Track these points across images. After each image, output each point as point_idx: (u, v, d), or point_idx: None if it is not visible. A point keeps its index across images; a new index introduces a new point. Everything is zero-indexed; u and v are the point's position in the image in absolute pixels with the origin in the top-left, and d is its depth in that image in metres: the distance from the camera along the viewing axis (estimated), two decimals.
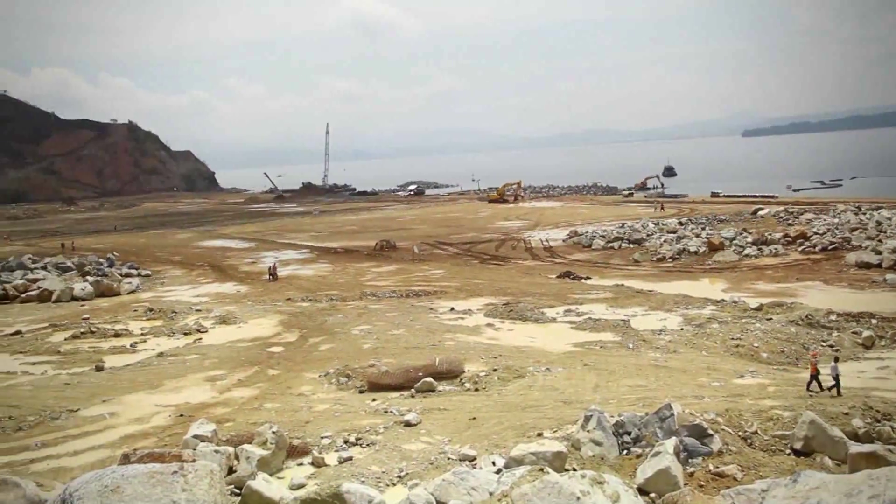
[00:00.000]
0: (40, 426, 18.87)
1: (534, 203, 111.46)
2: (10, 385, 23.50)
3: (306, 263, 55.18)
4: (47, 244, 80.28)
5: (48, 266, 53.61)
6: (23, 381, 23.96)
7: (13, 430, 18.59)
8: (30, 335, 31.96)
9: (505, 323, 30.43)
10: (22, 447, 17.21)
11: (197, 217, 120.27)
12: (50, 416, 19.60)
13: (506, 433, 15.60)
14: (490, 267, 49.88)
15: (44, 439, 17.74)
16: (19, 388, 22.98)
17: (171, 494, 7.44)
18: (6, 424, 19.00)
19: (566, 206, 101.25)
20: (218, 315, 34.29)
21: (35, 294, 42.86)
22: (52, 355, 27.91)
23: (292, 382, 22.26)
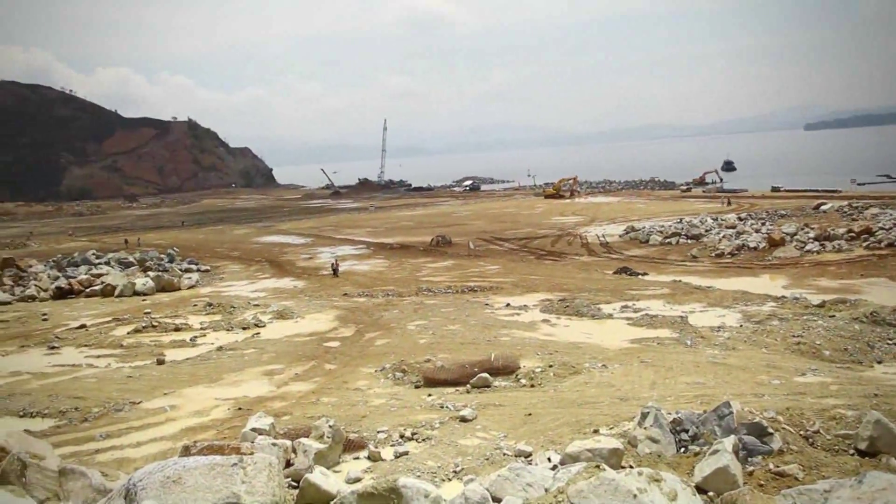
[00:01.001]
0: (104, 418, 19.28)
1: (590, 198, 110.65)
2: (75, 377, 24.07)
3: (362, 259, 55.53)
4: (110, 240, 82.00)
5: (111, 262, 54.78)
6: (88, 374, 24.52)
7: (79, 421, 19.04)
8: (94, 329, 32.66)
9: (561, 319, 30.26)
10: (87, 438, 17.60)
11: (254, 213, 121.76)
12: (113, 407, 20.02)
13: (561, 429, 15.52)
14: (546, 263, 49.64)
15: (108, 430, 18.12)
16: (84, 381, 23.52)
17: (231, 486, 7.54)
18: (72, 416, 19.48)
19: (623, 202, 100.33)
20: (275, 310, 34.66)
21: (99, 289, 43.77)
22: (116, 349, 28.48)
23: (349, 377, 22.41)
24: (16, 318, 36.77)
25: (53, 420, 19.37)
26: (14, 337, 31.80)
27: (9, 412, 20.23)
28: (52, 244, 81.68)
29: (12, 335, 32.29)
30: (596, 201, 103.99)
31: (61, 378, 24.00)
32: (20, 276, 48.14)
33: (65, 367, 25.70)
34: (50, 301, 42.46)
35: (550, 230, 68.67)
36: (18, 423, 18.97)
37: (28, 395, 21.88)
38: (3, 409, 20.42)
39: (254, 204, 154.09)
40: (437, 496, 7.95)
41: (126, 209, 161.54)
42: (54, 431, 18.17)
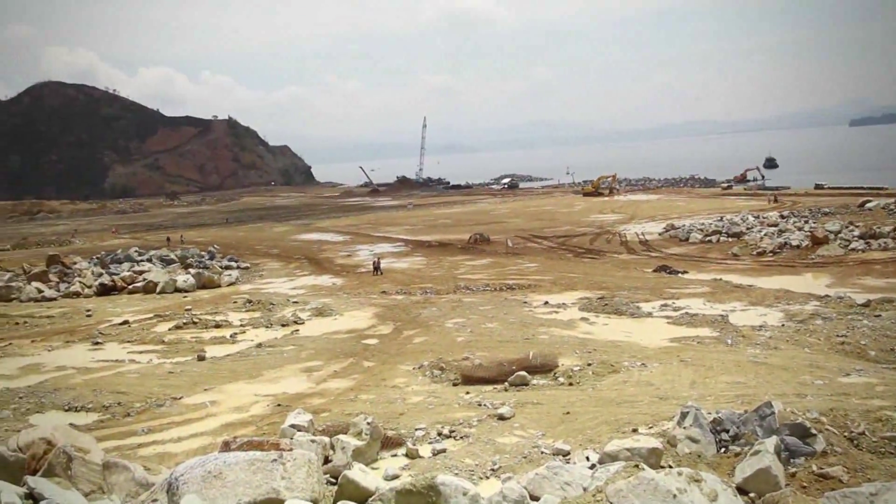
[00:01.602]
0: (146, 413, 19.55)
1: (629, 196, 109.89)
2: (118, 373, 24.42)
3: (401, 257, 55.66)
4: (152, 238, 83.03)
5: (153, 259, 55.49)
6: (130, 369, 24.86)
7: (122, 416, 19.32)
8: (136, 325, 33.11)
9: (599, 317, 30.08)
10: (129, 432, 17.86)
11: (294, 211, 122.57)
12: (155, 403, 20.29)
13: (600, 428, 15.45)
14: (585, 261, 49.41)
15: (149, 425, 18.36)
16: (127, 376, 23.86)
17: (270, 482, 7.61)
18: (115, 410, 19.77)
19: (662, 199, 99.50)
20: (314, 307, 34.86)
21: (141, 285, 44.37)
22: (157, 345, 28.85)
23: (387, 374, 22.48)
24: (61, 314, 37.39)
25: (97, 414, 19.67)
26: (59, 332, 32.35)
27: (54, 406, 20.60)
28: (95, 241, 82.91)
29: (58, 331, 32.85)
30: (635, 199, 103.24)
31: (105, 373, 24.37)
32: (65, 273, 48.93)
33: (108, 362, 26.09)
34: (94, 297, 43.13)
35: (589, 228, 68.33)
36: (64, 416, 19.31)
37: (73, 389, 22.25)
38: (48, 403, 20.79)
39: (293, 202, 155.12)
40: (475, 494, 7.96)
41: (167, 207, 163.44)
42: (98, 426, 18.46)
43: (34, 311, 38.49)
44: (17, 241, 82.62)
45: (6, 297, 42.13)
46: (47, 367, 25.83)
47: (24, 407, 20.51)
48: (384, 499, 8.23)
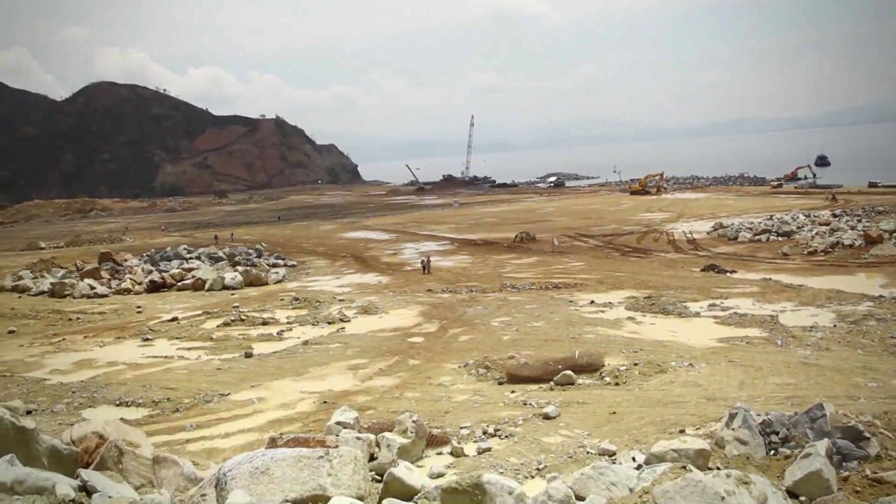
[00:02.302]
0: (195, 408, 19.82)
1: (677, 194, 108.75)
2: (167, 369, 24.79)
3: (446, 255, 55.69)
4: (201, 235, 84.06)
5: (202, 256, 56.24)
6: (179, 366, 25.22)
7: (171, 412, 19.62)
8: (185, 322, 33.56)
9: (646, 316, 29.82)
10: (178, 427, 18.11)
11: (340, 209, 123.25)
12: (203, 399, 20.56)
13: (646, 429, 15.34)
14: (631, 259, 49.02)
15: (198, 421, 18.61)
16: (176, 372, 24.21)
17: (317, 478, 7.67)
18: (165, 406, 20.08)
19: (711, 198, 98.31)
20: (360, 305, 35.05)
21: (189, 283, 44.95)
22: (206, 341, 29.22)
23: (432, 372, 22.52)
24: (112, 310, 38.05)
25: (147, 409, 19.99)
26: (111, 328, 32.92)
27: (106, 401, 20.99)
28: (145, 239, 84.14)
29: (109, 327, 33.43)
30: (683, 197, 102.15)
31: (154, 369, 24.76)
32: (116, 270, 49.76)
33: (158, 358, 26.50)
34: (144, 294, 43.78)
35: (636, 227, 67.76)
36: (115, 411, 19.65)
37: (123, 385, 22.65)
38: (100, 398, 21.19)
39: (339, 200, 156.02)
40: (520, 493, 7.94)
41: (216, 205, 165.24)
42: (148, 421, 18.75)
43: (87, 307, 39.23)
44: (71, 239, 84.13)
45: (60, 293, 42.98)
46: (99, 362, 26.33)
47: (77, 401, 20.94)
48: (430, 497, 8.25)
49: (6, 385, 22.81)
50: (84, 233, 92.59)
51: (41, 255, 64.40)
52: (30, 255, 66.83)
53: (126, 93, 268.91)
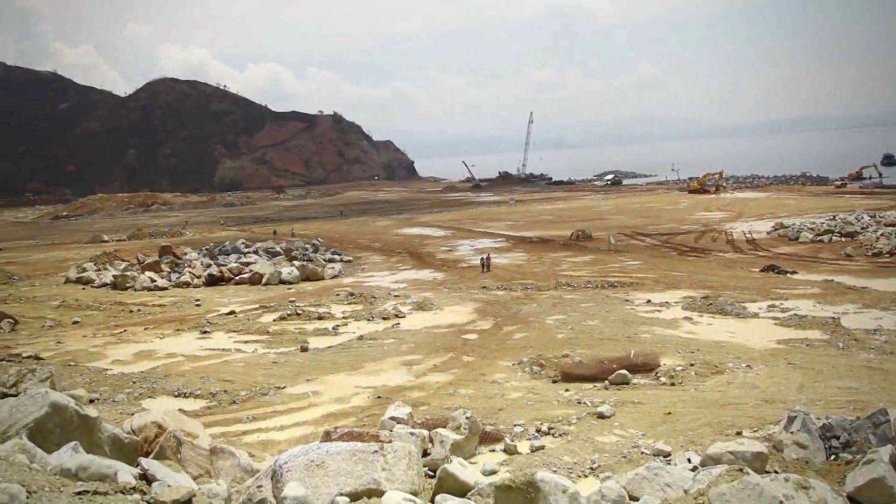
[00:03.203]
0: (251, 401, 20.08)
1: (736, 193, 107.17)
2: (225, 361, 25.15)
3: (502, 252, 55.56)
4: (259, 230, 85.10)
5: (259, 251, 56.90)
6: (236, 358, 25.58)
7: (228, 404, 19.91)
8: (242, 315, 34.00)
9: (703, 317, 29.43)
10: (235, 419, 18.38)
11: (396, 205, 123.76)
12: (259, 391, 20.83)
13: (702, 430, 15.15)
14: (689, 259, 48.43)
15: (254, 413, 18.86)
16: (233, 365, 24.56)
17: (371, 473, 7.73)
18: (222, 398, 20.39)
19: (771, 197, 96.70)
20: (415, 301, 35.16)
21: (247, 277, 45.51)
22: (262, 335, 29.58)
23: (486, 369, 22.51)
24: (172, 302, 38.74)
25: (205, 401, 20.32)
26: (170, 321, 33.51)
27: (165, 392, 21.38)
28: (205, 233, 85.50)
29: (169, 319, 34.04)
30: (742, 196, 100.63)
31: (212, 361, 25.14)
32: (176, 264, 50.62)
33: (215, 351, 26.91)
34: (203, 287, 44.48)
35: (694, 226, 66.93)
36: (173, 402, 20.01)
37: (182, 376, 23.04)
38: (159, 389, 21.59)
39: (395, 196, 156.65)
40: (574, 492, 7.90)
41: (273, 200, 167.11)
42: (205, 412, 19.06)
43: (147, 299, 39.99)
44: (133, 232, 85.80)
45: (122, 285, 43.87)
46: (159, 353, 26.82)
47: (137, 391, 21.37)
48: (483, 493, 8.26)
49: (70, 374, 23.36)
50: (145, 226, 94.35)
51: (104, 247, 65.86)
52: (93, 248, 68.40)
53: (187, 89, 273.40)
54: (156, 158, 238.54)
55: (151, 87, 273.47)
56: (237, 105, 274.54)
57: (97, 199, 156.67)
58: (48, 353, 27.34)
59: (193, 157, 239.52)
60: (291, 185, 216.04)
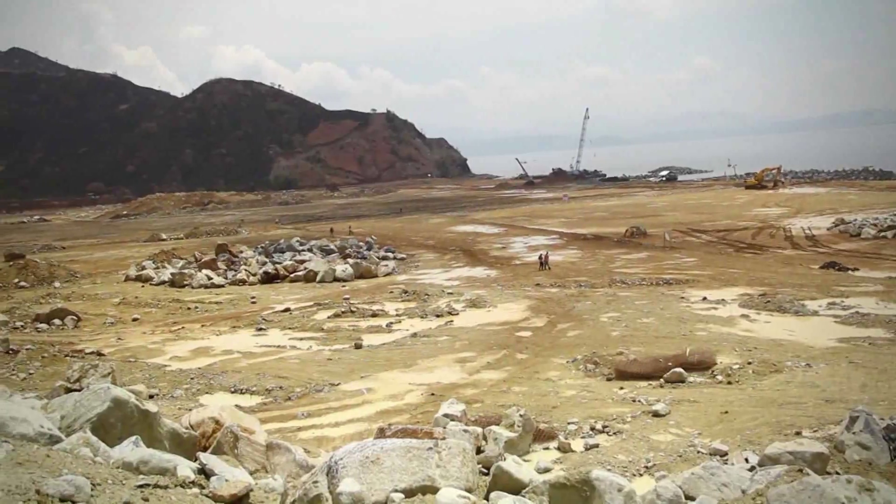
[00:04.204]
0: (306, 397, 20.29)
1: (794, 189, 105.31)
2: (280, 358, 25.45)
3: (555, 249, 55.25)
4: (313, 228, 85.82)
5: (313, 248, 57.42)
6: (291, 355, 25.86)
7: (283, 400, 20.15)
8: (297, 312, 34.34)
9: (761, 314, 28.95)
10: (290, 415, 18.58)
11: (449, 203, 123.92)
12: (314, 388, 21.02)
13: (760, 429, 14.93)
14: (746, 256, 47.69)
15: (309, 410, 19.05)
16: (288, 361, 24.83)
17: (426, 469, 7.74)
18: (277, 394, 20.64)
19: (832, 193, 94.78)
20: (468, 298, 35.17)
21: (302, 274, 45.98)
22: (317, 332, 29.85)
23: (540, 367, 22.45)
24: (228, 300, 39.28)
25: (260, 397, 20.59)
26: (227, 318, 34.00)
27: (222, 388, 21.71)
28: (260, 231, 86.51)
29: (225, 316, 34.54)
30: (801, 192, 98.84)
31: (268, 358, 25.45)
32: (232, 262, 51.31)
33: (271, 347, 27.24)
34: (258, 285, 45.02)
35: (751, 222, 65.89)
36: (230, 398, 20.30)
37: (238, 372, 23.37)
38: (216, 385, 21.93)
39: (448, 193, 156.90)
40: (630, 490, 7.83)
41: (327, 198, 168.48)
42: (261, 408, 19.30)
43: (204, 296, 40.61)
44: (190, 231, 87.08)
45: (180, 283, 44.61)
46: (215, 350, 27.24)
47: (195, 387, 21.73)
48: (538, 491, 8.22)
49: (130, 370, 23.83)
50: (202, 225, 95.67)
51: (162, 246, 67.01)
52: (152, 246, 69.66)
53: (242, 89, 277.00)
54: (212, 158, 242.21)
55: (207, 87, 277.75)
56: (291, 104, 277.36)
57: (155, 199, 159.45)
58: (109, 349, 27.95)
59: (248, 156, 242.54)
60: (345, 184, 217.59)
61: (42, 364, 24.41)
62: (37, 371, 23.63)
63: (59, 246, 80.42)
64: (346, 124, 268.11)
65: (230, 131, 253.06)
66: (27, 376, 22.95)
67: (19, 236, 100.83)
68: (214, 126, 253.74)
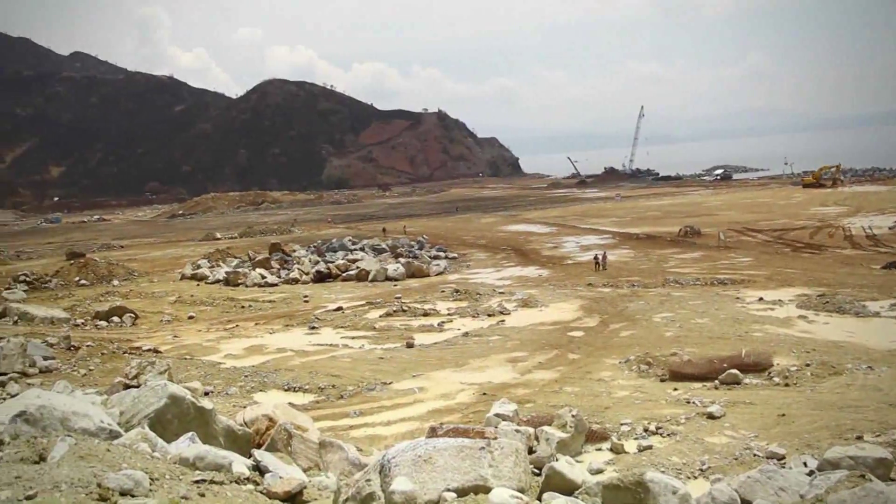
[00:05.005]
0: (358, 396, 20.41)
1: (854, 187, 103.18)
2: (332, 356, 25.62)
3: (608, 249, 54.76)
4: (365, 227, 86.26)
5: (365, 248, 57.78)
6: (343, 354, 26.02)
7: (335, 398, 20.29)
8: (349, 311, 34.55)
9: (819, 315, 28.37)
10: (342, 414, 18.70)
11: (500, 202, 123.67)
12: (366, 387, 21.14)
13: (819, 433, 14.64)
14: (803, 255, 46.82)
15: (361, 408, 19.15)
16: (341, 360, 24.99)
17: (478, 469, 7.72)
18: (330, 392, 20.79)
19: (894, 191, 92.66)
20: (520, 298, 35.06)
21: (354, 273, 46.26)
22: (368, 331, 30.00)
23: (592, 367, 22.30)
24: (282, 299, 39.65)
25: (313, 395, 20.76)
26: (280, 316, 34.33)
27: (275, 386, 21.94)
28: (312, 230, 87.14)
29: (279, 315, 34.88)
30: (862, 190, 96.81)
31: (320, 357, 25.64)
32: (285, 260, 51.84)
33: (323, 346, 27.45)
34: (311, 284, 45.37)
35: (809, 221, 64.70)
36: (283, 396, 20.51)
37: (291, 371, 23.58)
38: (270, 383, 22.16)
39: (500, 193, 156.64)
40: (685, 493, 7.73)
41: (379, 198, 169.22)
42: (314, 406, 19.46)
43: (258, 295, 41.06)
44: (244, 230, 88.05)
45: (234, 281, 45.17)
46: (269, 348, 27.52)
47: (249, 385, 21.99)
48: (591, 492, 8.16)
49: (186, 367, 24.19)
50: (256, 224, 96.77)
51: (217, 245, 67.87)
52: (207, 245, 70.60)
53: (295, 89, 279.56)
54: (265, 158, 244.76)
55: (261, 88, 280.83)
56: (343, 104, 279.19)
57: (210, 198, 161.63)
58: (166, 346, 28.42)
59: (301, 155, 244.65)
60: (397, 183, 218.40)
61: (101, 361, 24.92)
62: (97, 367, 24.14)
63: (117, 245, 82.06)
64: (397, 124, 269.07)
65: (283, 131, 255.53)
66: (87, 372, 23.46)
67: (80, 235, 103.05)
68: (268, 126, 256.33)
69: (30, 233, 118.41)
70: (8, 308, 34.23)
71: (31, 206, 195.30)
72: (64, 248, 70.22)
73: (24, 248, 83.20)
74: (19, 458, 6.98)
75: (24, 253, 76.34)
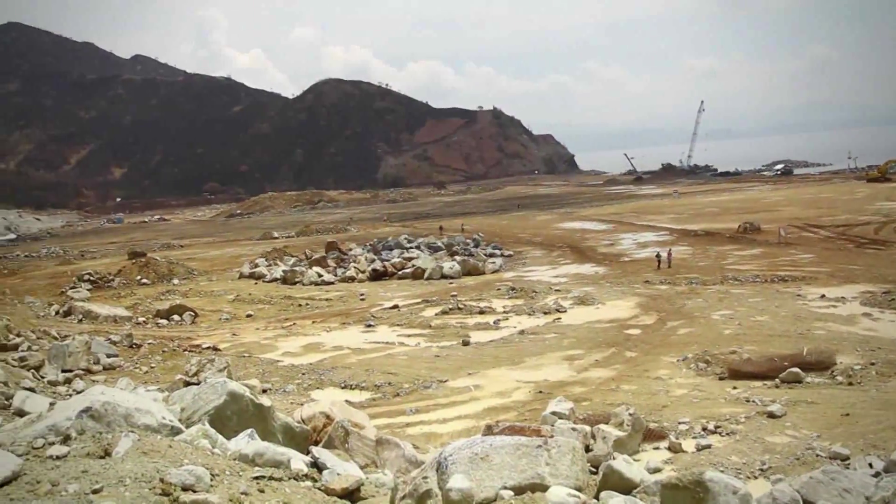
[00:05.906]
0: (414, 394, 20.50)
1: None
2: (389, 354, 25.78)
3: (665, 246, 54.25)
4: (420, 225, 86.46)
5: (421, 246, 57.98)
6: (399, 352, 26.17)
7: (392, 396, 20.42)
8: (405, 309, 34.71)
9: (885, 313, 27.71)
10: (399, 411, 18.81)
11: (556, 199, 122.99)
12: (422, 385, 21.23)
13: (885, 433, 14.33)
14: (868, 252, 45.73)
15: (417, 406, 19.25)
16: (397, 358, 25.13)
17: (535, 467, 7.71)
18: (386, 390, 20.93)
19: None
20: (576, 296, 34.89)
21: (409, 272, 46.46)
22: (424, 329, 30.12)
23: (649, 365, 22.11)
24: (338, 297, 40.00)
25: (370, 393, 20.91)
26: (337, 314, 34.63)
27: (332, 383, 22.15)
28: (368, 229, 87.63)
29: (335, 313, 35.19)
30: None
31: (376, 354, 25.82)
32: (342, 259, 52.29)
33: (379, 344, 27.63)
34: (367, 282, 45.71)
35: (874, 216, 63.15)
36: (340, 393, 20.69)
37: (348, 368, 23.78)
38: (327, 380, 22.38)
39: (555, 190, 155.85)
40: (745, 494, 7.60)
41: (434, 196, 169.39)
42: (370, 403, 19.60)
43: (315, 293, 41.47)
44: (301, 229, 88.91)
45: (291, 280, 45.67)
46: (326, 346, 27.78)
47: (306, 383, 22.24)
48: (649, 491, 8.09)
49: (245, 365, 24.56)
50: (312, 223, 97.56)
51: (274, 244, 68.66)
52: (264, 244, 71.44)
53: (351, 89, 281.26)
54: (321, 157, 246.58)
55: (317, 87, 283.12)
56: (399, 103, 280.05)
57: (267, 198, 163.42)
58: (225, 344, 28.87)
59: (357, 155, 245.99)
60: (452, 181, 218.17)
61: (163, 358, 25.44)
62: (158, 365, 24.65)
63: (177, 244, 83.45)
64: (452, 122, 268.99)
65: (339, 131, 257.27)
66: (149, 370, 23.97)
67: (141, 235, 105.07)
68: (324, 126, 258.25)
69: (93, 233, 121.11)
70: (73, 307, 35.14)
71: (94, 207, 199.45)
72: (126, 248, 71.65)
73: (88, 247, 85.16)
74: (86, 453, 7.16)
75: (88, 252, 78.13)
